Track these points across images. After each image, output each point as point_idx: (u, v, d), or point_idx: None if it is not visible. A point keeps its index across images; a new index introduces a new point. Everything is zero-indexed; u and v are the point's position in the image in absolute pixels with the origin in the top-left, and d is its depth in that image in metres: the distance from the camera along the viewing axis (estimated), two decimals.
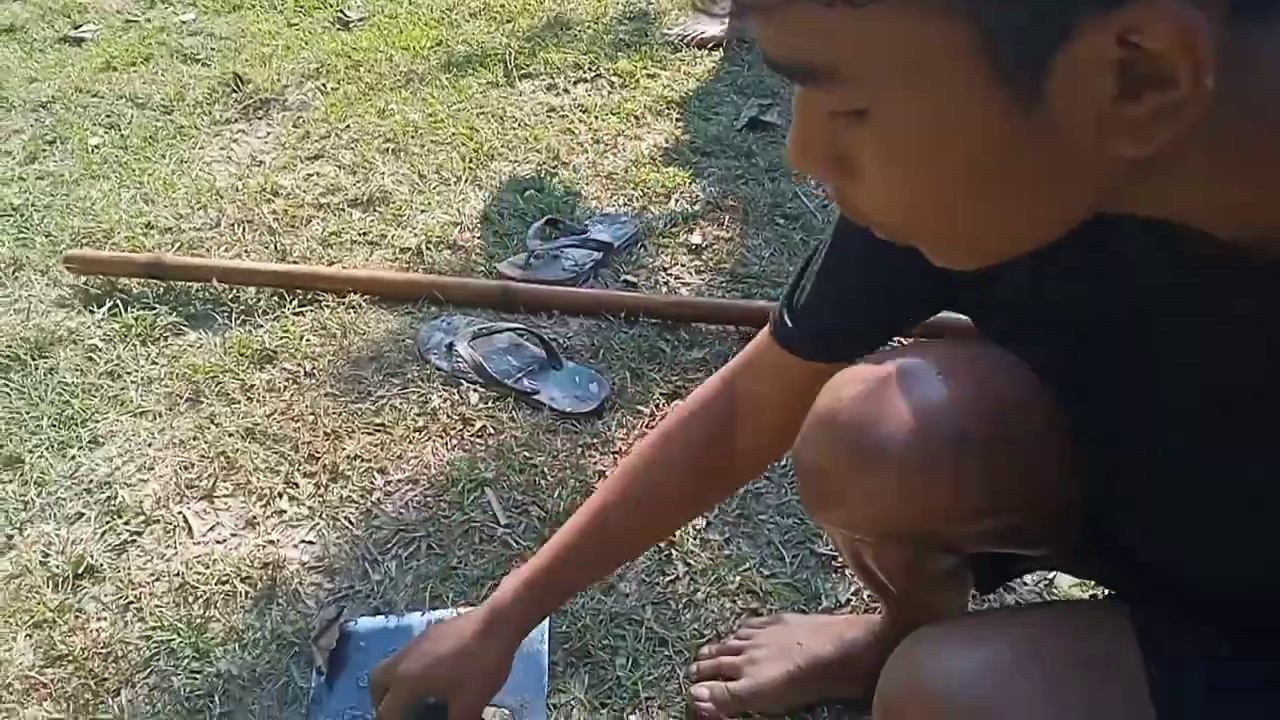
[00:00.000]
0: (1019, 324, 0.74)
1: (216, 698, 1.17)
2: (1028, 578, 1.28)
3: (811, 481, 0.85)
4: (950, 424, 0.76)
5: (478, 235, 1.93)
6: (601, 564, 1.08)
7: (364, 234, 1.95)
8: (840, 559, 1.32)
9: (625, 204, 2.01)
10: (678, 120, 2.26)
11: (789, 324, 0.89)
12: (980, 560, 0.95)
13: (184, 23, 2.95)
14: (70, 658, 1.22)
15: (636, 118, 2.27)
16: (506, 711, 1.14)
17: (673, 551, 1.34)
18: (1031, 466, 0.77)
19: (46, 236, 2.00)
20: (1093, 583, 1.27)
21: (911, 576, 0.97)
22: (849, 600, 1.28)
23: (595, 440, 1.51)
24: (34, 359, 1.67)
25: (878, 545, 0.93)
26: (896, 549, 0.93)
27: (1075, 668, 0.69)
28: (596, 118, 2.27)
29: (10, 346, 1.69)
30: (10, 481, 1.47)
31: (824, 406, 0.82)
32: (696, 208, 1.98)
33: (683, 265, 1.86)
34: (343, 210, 2.02)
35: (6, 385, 1.63)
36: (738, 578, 1.31)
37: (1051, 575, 1.28)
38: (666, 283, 1.81)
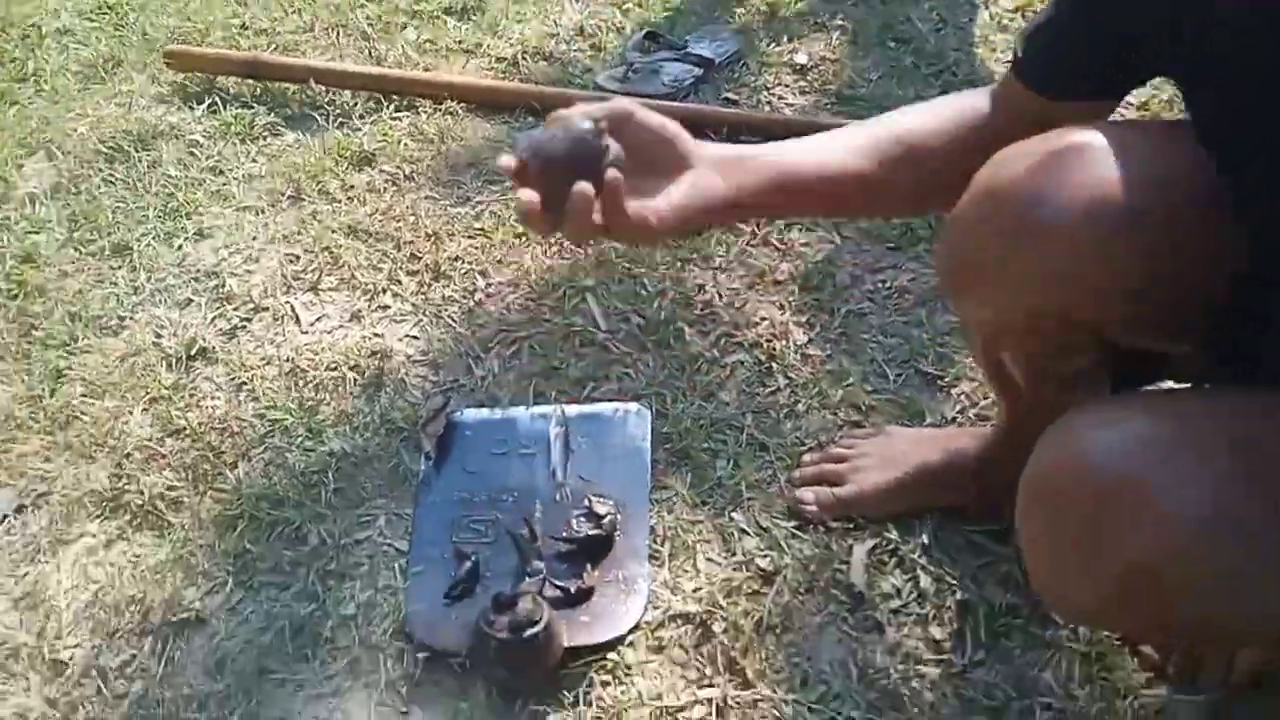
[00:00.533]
0: (1231, 55, 0.71)
1: (330, 474, 1.21)
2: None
3: (965, 256, 0.83)
4: (1123, 200, 0.74)
5: (575, 47, 1.88)
6: (826, 204, 0.98)
7: (459, 42, 1.90)
8: (947, 377, 1.30)
9: (727, 20, 1.93)
10: None
11: (1026, 56, 0.86)
12: (1116, 366, 0.93)
13: None
14: (187, 431, 1.26)
15: None
16: (610, 501, 1.16)
17: (773, 364, 1.33)
18: (1193, 247, 0.74)
19: (143, 36, 1.99)
20: None
21: (1046, 373, 0.95)
22: (954, 418, 1.26)
23: (695, 255, 1.49)
24: (138, 151, 1.68)
25: (1021, 333, 0.91)
26: (1038, 339, 0.90)
27: (1233, 447, 0.67)
28: None
29: (114, 138, 1.70)
30: (120, 268, 1.50)
31: (987, 177, 0.79)
32: (803, 27, 1.90)
33: (786, 85, 1.79)
34: (437, 17, 1.97)
35: (112, 175, 1.64)
36: (840, 391, 1.30)
37: None
38: (769, 102, 1.75)
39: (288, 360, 1.34)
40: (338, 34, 1.94)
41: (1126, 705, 0.99)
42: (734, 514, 1.17)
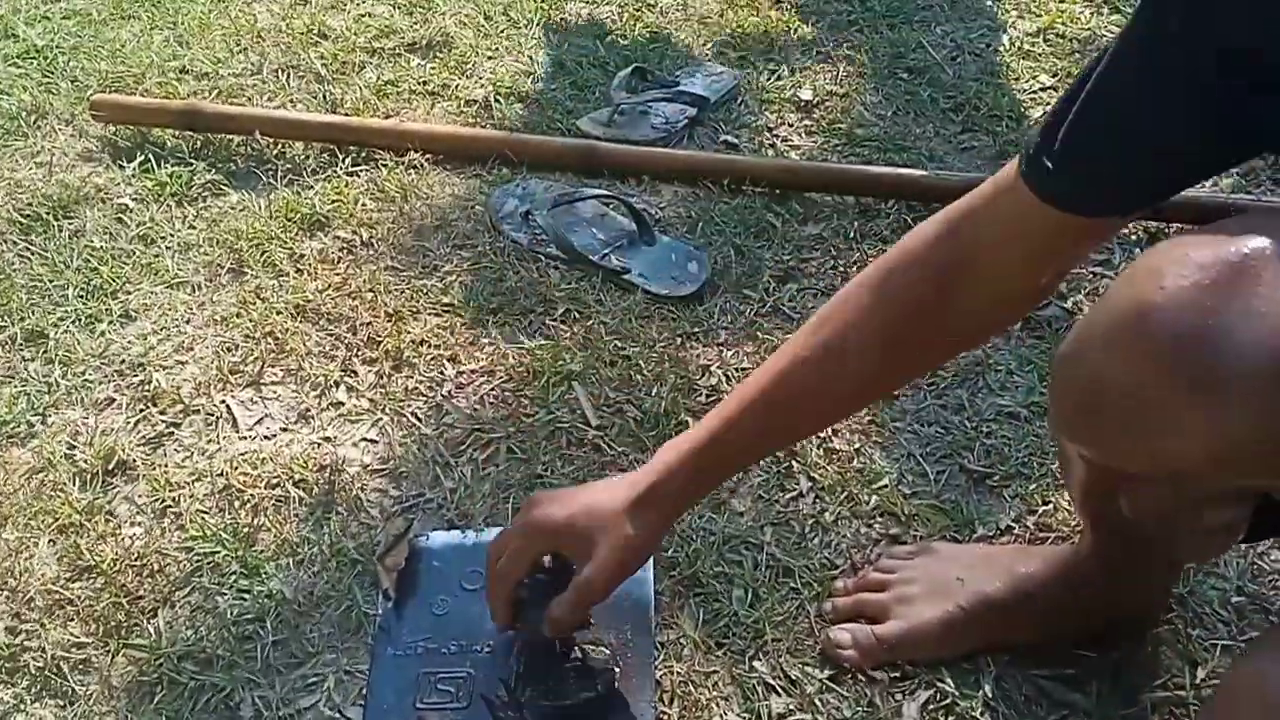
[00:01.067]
0: None
1: (268, 623, 1.01)
2: None
3: (1100, 397, 0.64)
4: None
5: (553, 86, 1.69)
6: (776, 434, 0.90)
7: (424, 83, 1.71)
8: (997, 474, 1.11)
9: (721, 52, 1.74)
10: None
11: (1048, 166, 0.68)
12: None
13: None
14: (100, 570, 1.05)
15: None
16: (607, 651, 0.96)
17: (793, 463, 1.14)
18: None
19: (72, 82, 1.79)
20: None
21: (1174, 525, 0.75)
22: (1010, 527, 1.07)
23: (696, 329, 1.30)
24: (58, 219, 1.47)
25: (1151, 486, 0.71)
26: (1170, 496, 0.71)
27: None
28: None
29: (32, 204, 1.49)
30: (33, 360, 1.29)
31: (1137, 299, 0.60)
32: (805, 58, 1.71)
33: (790, 125, 1.61)
34: (399, 55, 1.77)
35: (29, 248, 1.44)
36: (873, 496, 1.11)
37: None
38: (773, 145, 1.57)
39: (221, 475, 1.13)
40: (288, 76, 1.74)
41: None
42: (755, 661, 0.98)
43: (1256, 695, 0.55)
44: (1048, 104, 1.58)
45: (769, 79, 1.67)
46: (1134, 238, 1.39)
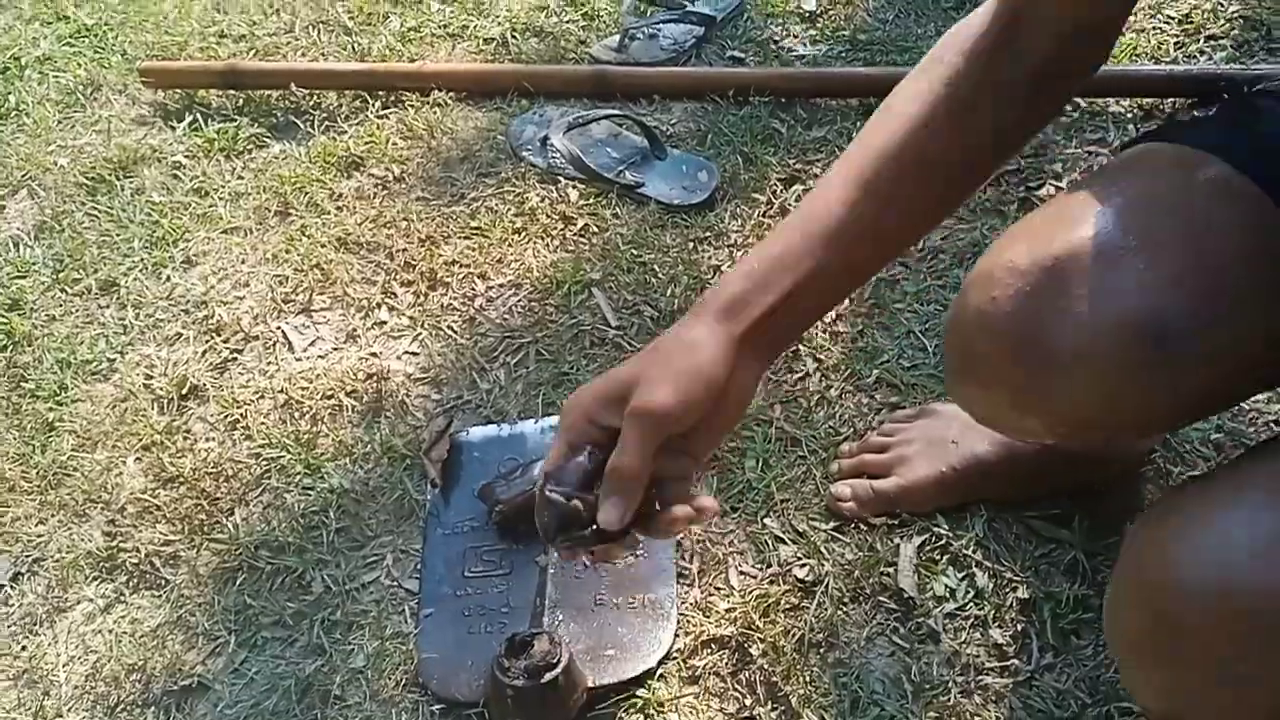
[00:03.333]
0: None
1: (331, 513, 1.13)
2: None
3: (970, 376, 0.73)
4: (1145, 316, 0.62)
5: (566, 18, 1.76)
6: (873, 255, 0.73)
7: (444, 26, 1.79)
8: None
9: None
10: None
11: None
12: None
13: None
14: (181, 479, 1.19)
15: None
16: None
17: (800, 347, 1.22)
18: (1255, 345, 0.62)
19: (122, 54, 1.91)
20: None
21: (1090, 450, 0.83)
22: None
23: (708, 233, 1.38)
24: (119, 179, 1.60)
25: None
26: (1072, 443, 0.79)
27: None
28: None
29: (95, 168, 1.62)
30: (108, 306, 1.43)
31: (980, 298, 0.67)
32: None
33: (795, 36, 1.66)
34: (420, 3, 1.86)
35: (95, 208, 1.57)
36: (875, 371, 1.19)
37: None
38: (778, 56, 1.63)
39: (281, 392, 1.26)
40: (319, 31, 1.84)
41: None
42: (766, 520, 1.08)
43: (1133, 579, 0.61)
44: None
45: None
46: (1129, 115, 1.43)
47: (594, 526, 0.68)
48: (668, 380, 0.65)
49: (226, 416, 1.25)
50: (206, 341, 1.34)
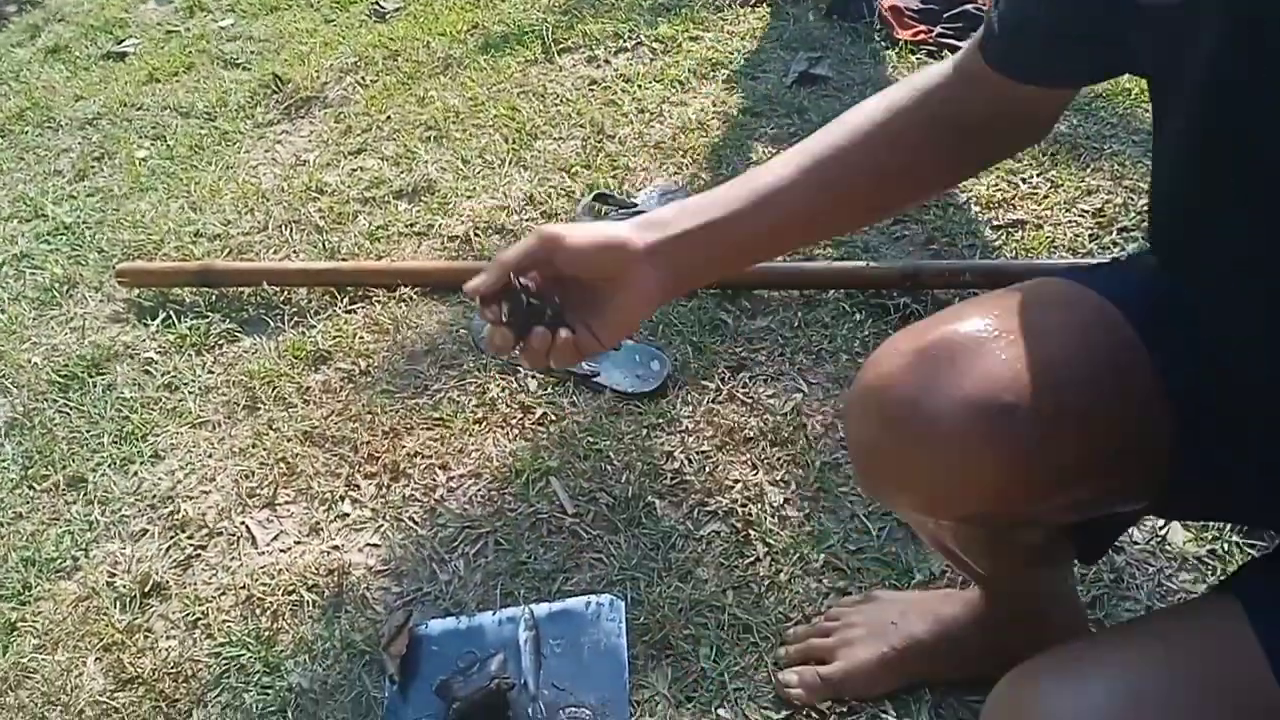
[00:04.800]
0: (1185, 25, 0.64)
1: (290, 713, 1.14)
2: (1137, 535, 1.19)
3: (864, 460, 0.78)
4: (998, 395, 0.68)
5: (526, 217, 1.87)
6: (809, 222, 0.83)
7: (411, 225, 1.90)
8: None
9: (675, 173, 1.93)
10: (724, 82, 2.17)
11: (995, 33, 0.77)
12: (1077, 527, 0.87)
13: (223, 29, 2.94)
14: (141, 680, 1.19)
15: (681, 83, 2.19)
16: (588, 712, 1.09)
17: (750, 532, 1.27)
18: (1108, 425, 0.69)
19: (99, 252, 1.99)
20: (1205, 524, 1.18)
21: (998, 555, 0.88)
22: (944, 572, 1.19)
23: (660, 419, 1.44)
24: (92, 376, 1.65)
25: (952, 526, 0.85)
26: (973, 531, 0.84)
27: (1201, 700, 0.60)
28: (640, 87, 2.20)
29: (68, 365, 1.68)
30: (74, 502, 1.45)
31: (868, 382, 0.75)
32: (754, 155, 1.89)
33: None
34: (388, 203, 1.97)
35: (67, 404, 1.61)
36: (821, 555, 1.23)
37: (1163, 529, 1.19)
38: None
39: (243, 588, 1.28)
40: (290, 230, 1.94)
41: None
42: (720, 710, 1.10)
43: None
44: (970, 194, 1.75)
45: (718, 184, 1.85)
46: None
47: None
48: (573, 230, 0.77)
49: (188, 614, 1.26)
50: (171, 537, 1.37)
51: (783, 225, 0.81)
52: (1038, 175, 1.76)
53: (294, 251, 1.89)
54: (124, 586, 1.31)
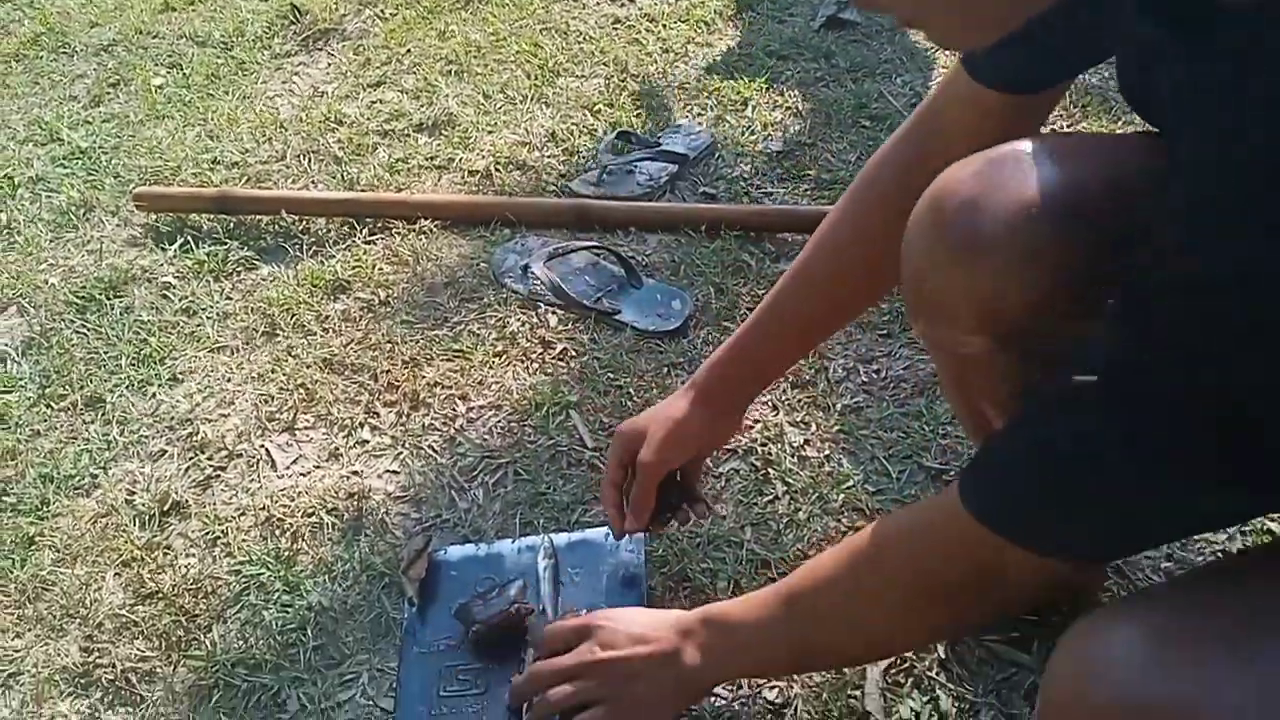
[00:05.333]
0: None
1: (309, 631, 1.15)
2: None
3: (917, 278, 0.81)
4: (1059, 202, 0.73)
5: (547, 154, 1.86)
6: (795, 339, 1.07)
7: (431, 159, 1.88)
8: (952, 469, 1.24)
9: (699, 114, 1.91)
10: (750, 24, 2.14)
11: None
12: None
13: None
14: (161, 594, 1.20)
15: (706, 24, 2.16)
16: None
17: (769, 471, 1.27)
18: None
19: (115, 178, 1.98)
20: None
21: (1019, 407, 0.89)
22: None
23: (681, 359, 1.44)
24: (109, 298, 1.65)
25: (987, 362, 0.85)
26: (1007, 365, 0.85)
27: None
28: (665, 26, 2.17)
29: (85, 287, 1.67)
30: (93, 421, 1.45)
31: (931, 194, 0.78)
32: (775, 114, 1.87)
33: (763, 174, 1.76)
34: (408, 136, 1.95)
35: (84, 325, 1.61)
36: (841, 495, 1.24)
37: None
38: (747, 193, 1.72)
39: (263, 509, 1.28)
40: (309, 160, 1.93)
41: None
42: None
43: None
44: None
45: (743, 134, 1.83)
46: None
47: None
48: (655, 444, 1.04)
49: (207, 533, 1.27)
50: (190, 458, 1.37)
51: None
52: (1068, 125, 1.74)
53: (312, 182, 1.88)
54: (143, 505, 1.31)
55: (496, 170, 1.82)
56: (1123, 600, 0.65)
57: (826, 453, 1.29)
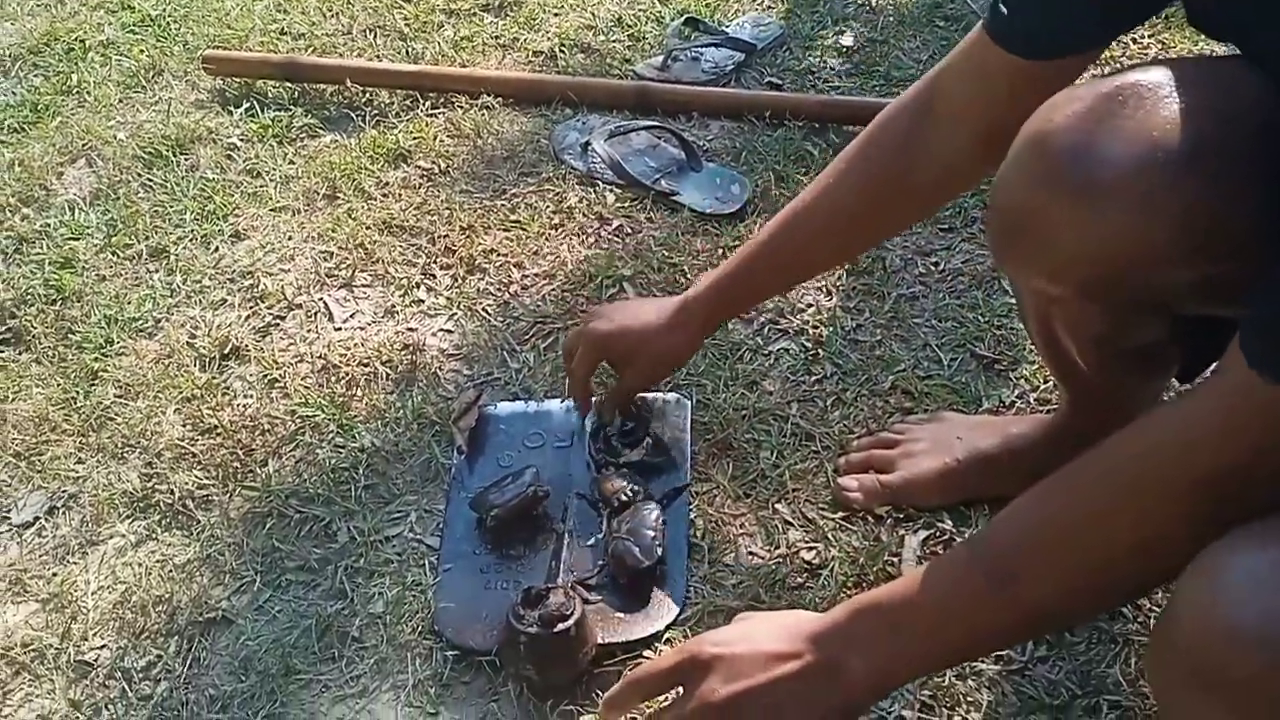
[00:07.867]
0: None
1: (361, 470, 1.18)
2: None
3: (1011, 215, 0.77)
4: (1182, 142, 0.67)
5: (613, 38, 1.84)
6: (792, 269, 1.08)
7: (496, 38, 1.87)
8: (1005, 360, 1.23)
9: (769, 6, 1.88)
10: None
11: (1004, 12, 0.79)
12: (1184, 342, 0.86)
13: None
14: (219, 429, 1.24)
15: None
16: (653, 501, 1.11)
17: (820, 351, 1.27)
18: (1261, 192, 0.67)
19: (183, 45, 1.99)
20: None
21: (1107, 350, 0.87)
22: (1014, 404, 1.19)
23: (737, 241, 1.43)
24: (175, 156, 1.67)
25: (1076, 305, 0.84)
26: (1095, 312, 0.83)
27: None
28: None
29: (153, 144, 1.69)
30: (156, 270, 1.49)
31: (1034, 129, 0.73)
32: (847, 8, 1.84)
33: (832, 68, 1.73)
34: (474, 15, 1.94)
35: (150, 180, 1.63)
36: (890, 378, 1.24)
37: None
38: (814, 85, 1.70)
39: (320, 357, 1.31)
40: (375, 35, 1.92)
41: None
42: (778, 505, 1.12)
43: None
44: None
45: (813, 28, 1.80)
46: None
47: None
48: (645, 372, 1.12)
49: (265, 376, 1.30)
50: (250, 307, 1.40)
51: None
52: (1150, 37, 1.69)
53: (377, 55, 1.87)
54: (203, 348, 1.34)
55: (561, 52, 1.81)
56: (1267, 521, 0.58)
57: (878, 338, 1.29)
